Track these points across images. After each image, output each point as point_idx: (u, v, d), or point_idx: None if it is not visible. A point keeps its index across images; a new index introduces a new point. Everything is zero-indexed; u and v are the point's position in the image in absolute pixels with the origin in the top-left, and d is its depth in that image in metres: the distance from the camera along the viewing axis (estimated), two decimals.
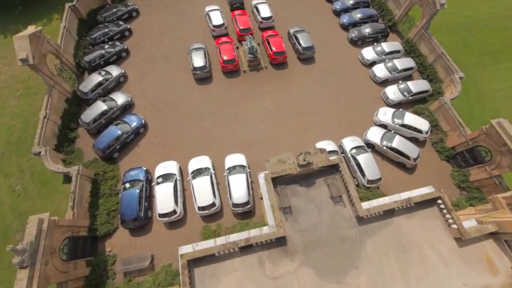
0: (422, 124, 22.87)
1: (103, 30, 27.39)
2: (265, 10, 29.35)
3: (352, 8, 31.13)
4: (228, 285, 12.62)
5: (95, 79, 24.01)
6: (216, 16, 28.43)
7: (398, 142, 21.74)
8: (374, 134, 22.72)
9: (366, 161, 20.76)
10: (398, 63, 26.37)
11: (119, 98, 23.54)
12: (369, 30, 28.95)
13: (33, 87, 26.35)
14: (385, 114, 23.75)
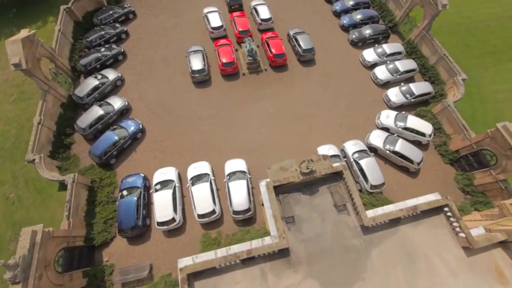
0: (425, 127, 22.47)
1: (99, 32, 26.80)
2: (264, 11, 28.89)
3: (352, 9, 30.71)
4: None
5: (91, 83, 23.45)
6: (215, 18, 27.94)
7: (401, 146, 21.34)
8: (376, 138, 22.32)
9: (369, 166, 20.35)
10: (400, 65, 25.98)
11: (116, 103, 23.00)
12: (370, 31, 28.56)
13: (27, 91, 25.75)
14: (388, 117, 23.35)
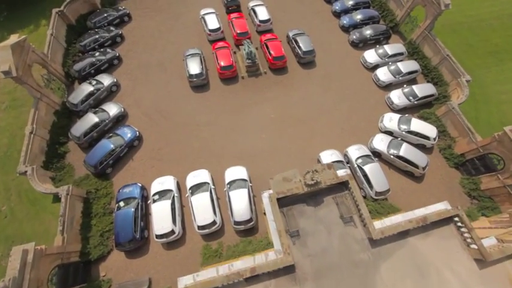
0: (429, 130, 21.93)
1: (93, 36, 25.99)
2: (262, 13, 28.20)
3: (352, 9, 30.10)
4: None
5: (86, 89, 22.69)
6: (212, 20, 27.21)
7: (405, 150, 20.79)
8: (380, 142, 21.75)
9: (373, 172, 19.79)
10: (402, 66, 25.40)
11: (111, 109, 22.27)
12: (370, 31, 27.97)
13: (19, 98, 24.93)
14: (391, 120, 22.80)
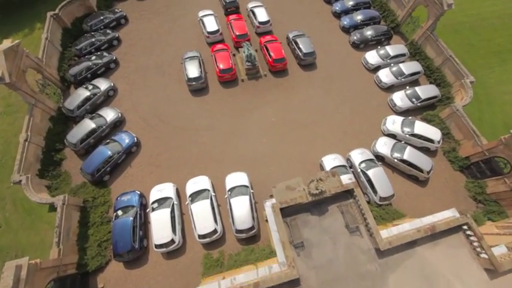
0: (433, 133, 21.52)
1: (89, 39, 25.46)
2: (262, 14, 27.73)
3: (352, 10, 29.69)
4: None
5: (82, 94, 22.15)
6: (210, 22, 26.71)
7: (410, 154, 20.36)
8: (383, 145, 21.32)
9: (377, 176, 19.35)
10: (404, 67, 24.98)
11: (108, 115, 21.74)
12: (371, 32, 27.54)
13: (14, 104, 24.39)
14: (394, 123, 22.37)
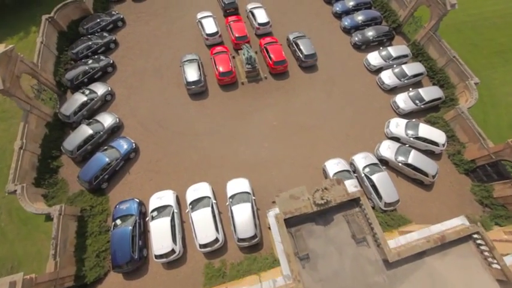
0: (438, 136, 21.12)
1: (86, 43, 24.93)
2: (261, 15, 27.24)
3: (353, 10, 29.24)
4: None
5: (79, 99, 21.66)
6: (209, 24, 26.21)
7: (414, 158, 19.96)
8: (387, 149, 20.90)
9: (382, 181, 18.92)
10: (407, 68, 24.55)
11: (106, 120, 21.25)
12: (373, 33, 27.10)
13: (9, 110, 23.84)
14: (398, 125, 21.96)
